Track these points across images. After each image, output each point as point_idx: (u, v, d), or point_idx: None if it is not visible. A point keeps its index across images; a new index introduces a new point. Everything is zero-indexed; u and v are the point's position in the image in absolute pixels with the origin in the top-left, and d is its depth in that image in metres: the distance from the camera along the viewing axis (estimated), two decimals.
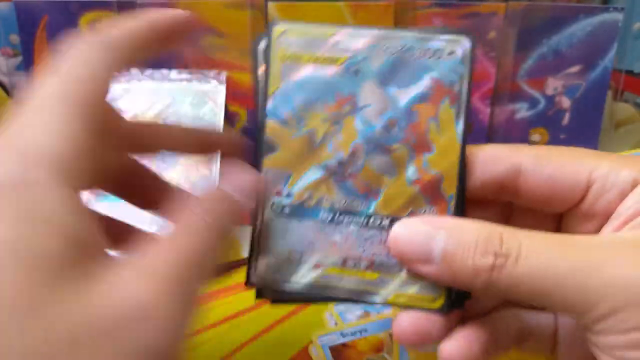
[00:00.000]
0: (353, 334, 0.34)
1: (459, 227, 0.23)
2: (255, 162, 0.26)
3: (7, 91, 0.48)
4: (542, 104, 0.47)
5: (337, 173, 0.25)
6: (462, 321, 0.26)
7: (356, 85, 0.25)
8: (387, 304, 0.25)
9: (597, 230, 0.25)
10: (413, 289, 0.25)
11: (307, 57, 0.25)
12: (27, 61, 0.44)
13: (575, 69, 0.46)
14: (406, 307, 0.25)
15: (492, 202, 0.27)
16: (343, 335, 0.34)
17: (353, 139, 0.25)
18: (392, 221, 0.25)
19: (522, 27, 0.44)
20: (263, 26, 0.43)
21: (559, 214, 0.27)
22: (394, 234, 0.24)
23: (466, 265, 0.22)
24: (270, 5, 0.42)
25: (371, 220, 0.25)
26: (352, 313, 0.36)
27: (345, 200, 0.25)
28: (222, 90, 0.42)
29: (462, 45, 0.25)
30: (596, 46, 0.45)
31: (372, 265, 0.25)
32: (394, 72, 0.25)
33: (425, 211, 0.25)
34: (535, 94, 0.46)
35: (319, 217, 0.25)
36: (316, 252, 0.25)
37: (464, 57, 0.25)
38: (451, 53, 0.25)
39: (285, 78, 0.25)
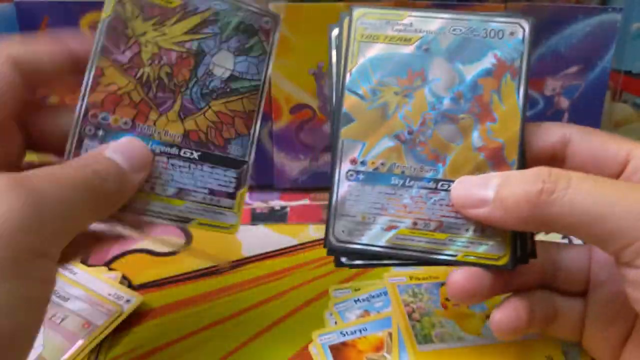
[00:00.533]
0: (353, 332, 0.34)
1: (512, 173, 0.26)
2: (333, 133, 0.28)
3: None
4: (541, 104, 0.47)
5: (408, 141, 0.28)
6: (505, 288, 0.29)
7: (426, 61, 0.28)
8: (456, 262, 0.27)
9: None
10: (481, 248, 0.27)
11: (382, 36, 0.28)
12: None
13: (574, 69, 0.46)
14: (474, 264, 0.27)
15: None
16: (343, 334, 0.34)
17: (423, 109, 0.28)
18: None
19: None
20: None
21: None
22: (455, 186, 0.27)
23: (516, 195, 0.25)
24: (271, 6, 0.42)
25: (439, 184, 0.28)
26: (352, 312, 0.36)
27: (415, 167, 0.28)
28: (278, 26, 0.31)
29: (522, 26, 0.28)
30: (595, 47, 0.45)
31: (441, 226, 0.27)
32: (460, 50, 0.28)
33: None
34: (534, 94, 0.46)
35: (390, 182, 0.28)
36: (389, 215, 0.28)
37: (524, 37, 0.28)
38: (512, 33, 0.28)
39: (362, 56, 0.28)
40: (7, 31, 0.45)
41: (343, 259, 0.28)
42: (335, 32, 0.29)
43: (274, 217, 0.45)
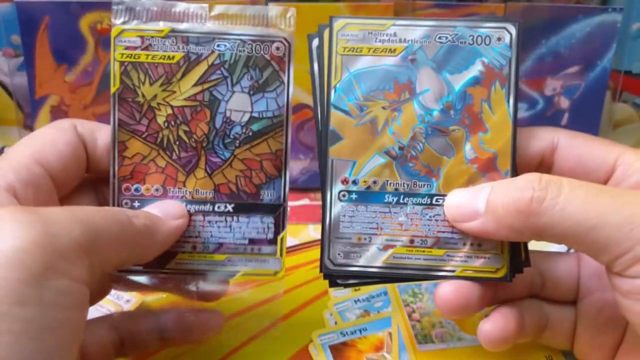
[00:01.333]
0: (353, 333, 0.34)
1: (502, 182, 0.26)
2: (320, 153, 0.27)
3: (8, 91, 0.48)
4: (541, 104, 0.47)
5: (399, 157, 0.27)
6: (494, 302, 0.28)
7: (413, 72, 0.27)
8: (454, 277, 0.27)
9: None
10: (478, 262, 0.27)
11: (366, 48, 0.27)
12: (28, 61, 0.44)
13: (574, 69, 0.46)
14: (473, 279, 0.27)
15: None
16: (343, 334, 0.34)
17: (413, 123, 0.27)
18: None
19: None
20: None
21: None
22: (447, 200, 0.27)
23: (506, 204, 0.24)
24: (271, 5, 0.42)
25: (434, 199, 0.27)
26: (352, 312, 0.36)
27: (408, 183, 0.27)
28: (292, 48, 0.29)
29: (509, 31, 0.27)
30: (595, 47, 0.45)
31: (437, 242, 0.27)
32: (447, 58, 0.27)
33: None
34: (534, 94, 0.46)
35: (384, 200, 0.27)
36: (384, 235, 0.27)
37: (511, 42, 0.27)
38: (499, 39, 0.27)
39: (346, 70, 0.27)
40: (7, 31, 0.45)
41: (338, 280, 0.28)
42: (315, 42, 0.28)
43: None
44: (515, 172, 0.27)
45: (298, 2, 0.42)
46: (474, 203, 0.25)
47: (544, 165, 0.28)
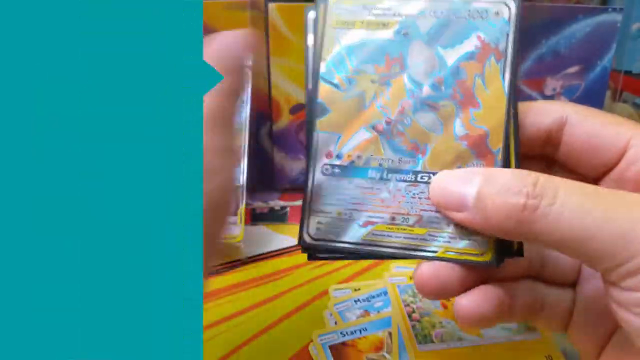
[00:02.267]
0: (353, 333, 0.34)
1: (495, 173, 0.24)
2: (308, 125, 0.27)
3: None
4: None
5: (386, 132, 0.26)
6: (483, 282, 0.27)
7: (405, 46, 0.27)
8: (436, 258, 0.26)
9: None
10: (462, 244, 0.26)
11: (359, 22, 0.27)
12: None
13: (574, 69, 0.46)
14: (455, 261, 0.26)
15: (534, 160, 0.28)
16: (343, 334, 0.34)
17: (402, 97, 0.26)
18: None
19: (520, 28, 0.44)
20: (263, 27, 0.43)
21: (595, 179, 0.27)
22: (433, 183, 0.25)
23: (498, 206, 0.23)
24: (271, 6, 0.42)
25: (419, 176, 0.26)
26: (352, 312, 0.36)
27: (393, 159, 0.26)
28: (249, 82, 0.43)
29: (508, 5, 0.26)
30: (595, 47, 0.45)
31: (420, 221, 0.26)
32: (442, 32, 0.26)
33: (473, 166, 0.26)
34: (534, 94, 0.46)
35: (367, 176, 0.26)
36: (365, 210, 0.26)
37: (510, 16, 0.26)
38: (497, 13, 0.26)
39: (338, 43, 0.27)
40: None
41: (317, 253, 0.27)
42: (311, 14, 0.28)
43: (274, 217, 0.45)
44: (508, 150, 0.26)
45: (298, 2, 0.43)
46: (462, 191, 0.24)
47: (551, 142, 0.27)
